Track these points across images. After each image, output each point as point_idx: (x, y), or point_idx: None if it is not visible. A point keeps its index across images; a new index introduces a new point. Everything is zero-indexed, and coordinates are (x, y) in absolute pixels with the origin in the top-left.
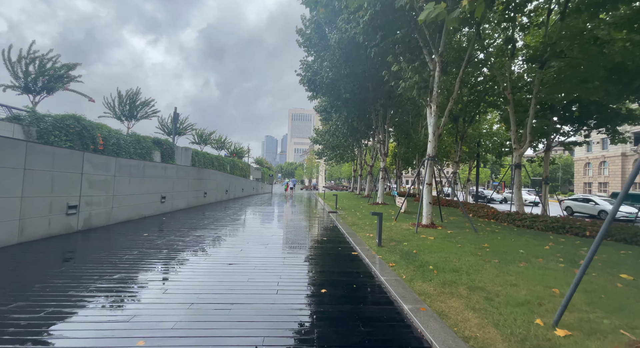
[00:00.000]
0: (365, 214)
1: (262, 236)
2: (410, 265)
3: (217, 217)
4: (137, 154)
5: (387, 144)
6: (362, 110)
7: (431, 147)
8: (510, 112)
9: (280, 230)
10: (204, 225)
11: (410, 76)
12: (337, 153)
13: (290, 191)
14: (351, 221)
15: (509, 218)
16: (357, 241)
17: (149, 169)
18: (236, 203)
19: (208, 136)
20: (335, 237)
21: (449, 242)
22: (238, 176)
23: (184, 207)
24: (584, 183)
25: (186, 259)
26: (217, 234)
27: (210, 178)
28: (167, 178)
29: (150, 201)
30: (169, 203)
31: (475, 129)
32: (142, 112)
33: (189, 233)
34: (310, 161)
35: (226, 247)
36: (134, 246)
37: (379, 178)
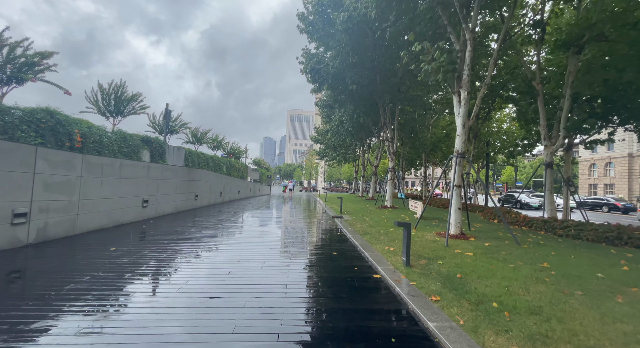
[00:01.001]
0: (376, 220)
1: (257, 251)
2: (463, 299)
3: (207, 224)
4: (123, 153)
5: (396, 142)
6: (369, 105)
7: (460, 142)
8: (540, 105)
9: (279, 241)
10: (190, 234)
11: (435, 57)
12: (339, 152)
13: (289, 192)
14: (362, 229)
15: (547, 226)
16: (375, 257)
17: (127, 169)
18: (231, 206)
19: (203, 135)
20: (347, 251)
21: (495, 260)
22: (235, 177)
23: (172, 212)
24: (588, 185)
25: (149, 291)
26: (202, 248)
27: (203, 179)
28: (150, 179)
29: (129, 205)
30: (153, 207)
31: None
32: (129, 107)
33: (168, 246)
34: (310, 162)
35: (210, 269)
36: (89, 268)
37: (386, 179)
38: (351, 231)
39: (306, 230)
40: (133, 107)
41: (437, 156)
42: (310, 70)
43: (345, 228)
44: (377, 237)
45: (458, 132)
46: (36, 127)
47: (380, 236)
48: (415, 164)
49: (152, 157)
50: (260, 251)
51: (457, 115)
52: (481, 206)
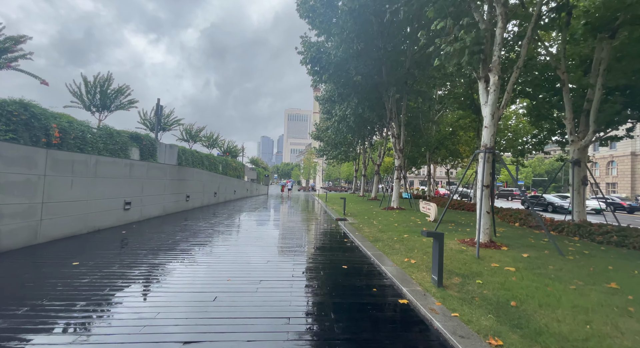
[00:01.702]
0: (385, 223)
1: (251, 265)
2: (536, 345)
3: (197, 229)
4: (109, 150)
5: (402, 139)
6: (374, 99)
7: (489, 135)
8: (565, 96)
9: (277, 251)
10: (174, 242)
11: (460, 37)
12: (340, 150)
13: (287, 192)
14: (371, 235)
15: (582, 231)
16: (396, 273)
17: (105, 167)
18: (226, 207)
19: (197, 132)
20: (360, 264)
21: (546, 278)
22: (231, 177)
23: (159, 214)
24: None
25: (102, 333)
26: (186, 262)
27: (195, 179)
28: (133, 179)
29: (108, 208)
30: (137, 209)
31: None
32: (116, 102)
33: (144, 259)
34: (308, 161)
35: (191, 292)
36: (34, 293)
37: (392, 178)
38: (360, 237)
39: (308, 236)
40: (120, 101)
41: (441, 154)
42: (311, 59)
43: (351, 233)
44: (391, 245)
45: (486, 123)
46: (7, 120)
47: (394, 244)
48: (416, 162)
49: (142, 155)
50: (256, 265)
51: (483, 104)
52: (496, 208)
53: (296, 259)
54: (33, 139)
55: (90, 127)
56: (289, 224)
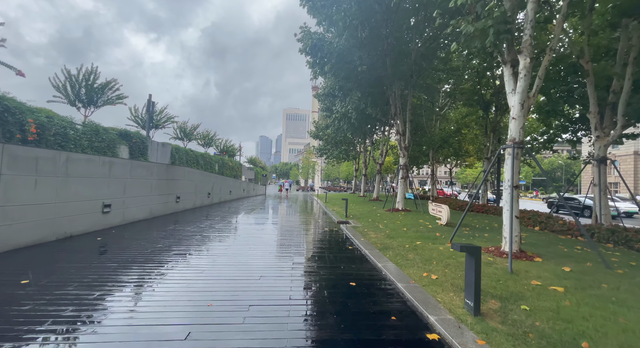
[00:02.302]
0: (392, 228)
1: (240, 284)
2: None
3: (184, 234)
4: (94, 148)
5: (408, 136)
6: (377, 94)
7: (517, 127)
8: (590, 88)
9: (272, 262)
10: (154, 252)
11: (484, 14)
12: (341, 149)
13: (285, 192)
14: (379, 242)
15: (616, 237)
16: (416, 293)
17: (77, 165)
18: (220, 209)
19: (192, 130)
20: (370, 280)
21: (608, 302)
22: (227, 176)
23: (145, 217)
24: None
25: None
26: (162, 279)
27: (186, 178)
28: (113, 178)
29: (82, 212)
30: (118, 212)
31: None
32: (104, 97)
33: (112, 275)
34: (307, 161)
35: (159, 324)
36: None
37: (397, 177)
38: (366, 244)
39: (308, 243)
40: (108, 96)
41: (444, 153)
42: (312, 47)
43: (356, 238)
44: (403, 255)
45: (514, 114)
46: None
47: (407, 254)
48: (418, 162)
49: (132, 154)
50: (246, 284)
51: (510, 92)
52: None
53: (294, 274)
54: (6, 135)
55: (73, 123)
56: (287, 228)
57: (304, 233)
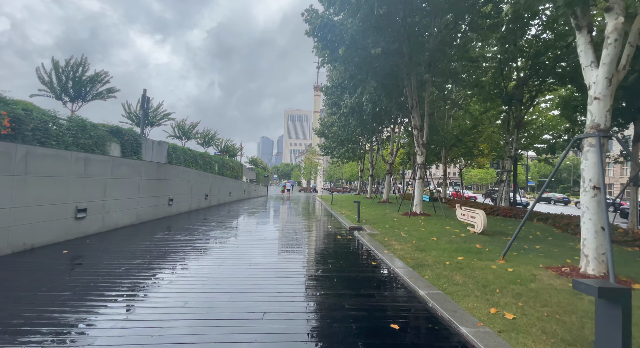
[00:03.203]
0: (418, 236)
1: (234, 326)
2: None
3: (172, 246)
4: (80, 145)
5: (426, 131)
6: (391, 85)
7: (602, 110)
8: None
9: (279, 285)
10: (125, 273)
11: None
12: (347, 148)
13: (287, 193)
14: (408, 255)
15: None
16: (492, 344)
17: (41, 162)
18: (218, 212)
19: (190, 128)
20: (416, 318)
21: None
22: (227, 177)
23: (130, 223)
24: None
25: None
26: (127, 319)
27: (181, 178)
28: (90, 178)
29: (49, 218)
30: (96, 218)
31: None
32: (93, 91)
33: (52, 313)
34: (309, 161)
35: None
36: None
37: (415, 177)
38: (392, 258)
39: (321, 258)
40: (97, 90)
41: (457, 152)
42: (321, 28)
43: (378, 251)
44: (448, 277)
45: (597, 93)
46: None
47: (453, 275)
48: (428, 161)
49: (124, 152)
50: (243, 327)
51: (589, 65)
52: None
53: (311, 308)
54: None
55: (56, 118)
56: (294, 237)
57: (314, 243)
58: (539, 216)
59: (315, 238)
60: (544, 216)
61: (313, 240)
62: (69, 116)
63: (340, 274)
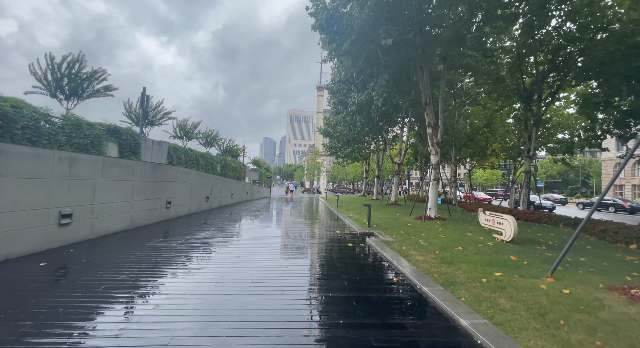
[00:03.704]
0: (439, 244)
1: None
2: None
3: (164, 256)
4: (74, 145)
5: (441, 129)
6: (403, 80)
7: None
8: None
9: (288, 308)
10: (110, 292)
11: None
12: (354, 147)
13: (291, 194)
14: (434, 268)
15: None
16: None
17: (16, 162)
18: (219, 216)
19: (192, 128)
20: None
21: None
22: (230, 178)
23: (124, 228)
24: (614, 186)
25: None
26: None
27: (180, 180)
28: (76, 180)
29: (27, 225)
30: (84, 224)
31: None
32: (89, 88)
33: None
34: (313, 161)
35: None
36: None
37: (429, 178)
38: (416, 273)
39: (334, 271)
40: (93, 87)
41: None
42: (327, 19)
43: (397, 263)
44: (490, 300)
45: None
46: None
47: (495, 298)
48: None
49: (122, 152)
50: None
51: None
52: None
53: (331, 344)
54: None
55: (48, 116)
56: (301, 244)
57: (323, 253)
58: (565, 221)
59: (324, 246)
60: (571, 220)
61: (322, 249)
62: (63, 114)
63: (358, 294)
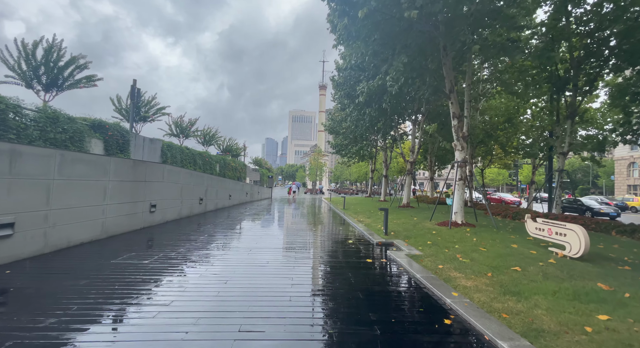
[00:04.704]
0: (487, 263)
1: None
2: None
3: (128, 282)
4: (50, 140)
5: (467, 121)
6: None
7: None
8: None
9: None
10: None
11: None
12: (362, 144)
13: (293, 195)
14: (495, 302)
15: None
16: None
17: None
18: (214, 220)
19: (189, 125)
20: None
21: None
22: (229, 178)
23: (93, 238)
24: (627, 186)
25: None
26: None
27: (167, 180)
28: (20, 179)
29: None
30: (34, 235)
31: None
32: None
33: None
34: (316, 161)
35: None
36: None
37: (455, 178)
38: (473, 311)
39: (354, 308)
40: (74, 77)
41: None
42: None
43: (440, 291)
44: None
45: None
46: None
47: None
48: (447, 161)
49: (108, 149)
50: None
51: None
52: (619, 224)
53: None
54: None
55: (18, 107)
56: (304, 259)
57: (337, 274)
58: (618, 228)
59: (337, 264)
60: (627, 227)
61: (335, 268)
62: (38, 106)
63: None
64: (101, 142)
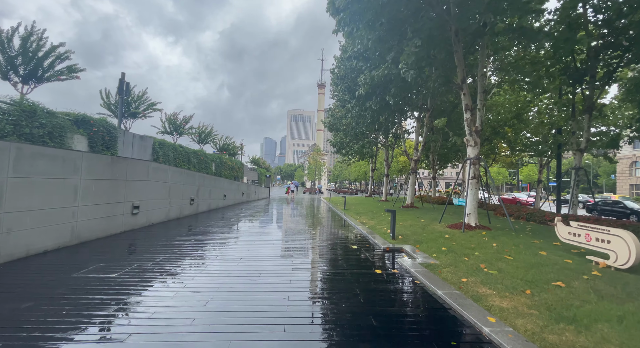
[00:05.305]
0: (520, 275)
1: None
2: None
3: (85, 304)
4: (25, 136)
5: (481, 114)
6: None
7: None
8: None
9: None
10: None
11: None
12: (364, 142)
13: (292, 195)
14: (547, 333)
15: None
16: None
17: None
18: (204, 223)
19: (183, 122)
20: None
21: None
22: (224, 178)
23: (60, 244)
24: (630, 185)
25: None
26: None
27: (152, 179)
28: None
29: None
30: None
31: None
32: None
33: None
34: (314, 161)
35: None
36: None
37: (468, 176)
38: (519, 345)
39: (365, 336)
40: (54, 67)
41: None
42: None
43: (471, 314)
44: None
45: None
46: None
47: None
48: (449, 160)
49: (92, 146)
50: None
51: None
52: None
53: None
54: None
55: None
56: (303, 271)
57: (345, 291)
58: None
59: (342, 279)
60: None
61: (341, 286)
62: (14, 98)
63: None
64: (85, 138)
